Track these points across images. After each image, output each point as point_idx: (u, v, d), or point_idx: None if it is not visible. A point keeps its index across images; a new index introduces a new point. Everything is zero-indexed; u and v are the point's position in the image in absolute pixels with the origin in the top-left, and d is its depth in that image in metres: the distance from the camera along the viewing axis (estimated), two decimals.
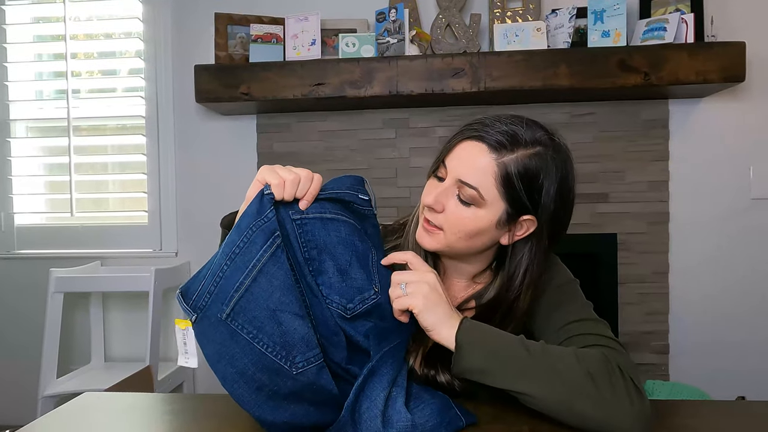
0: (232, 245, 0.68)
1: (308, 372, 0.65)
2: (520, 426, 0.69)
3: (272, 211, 0.70)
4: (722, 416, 0.75)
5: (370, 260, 0.75)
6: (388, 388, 0.69)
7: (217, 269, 0.67)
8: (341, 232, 0.74)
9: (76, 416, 0.78)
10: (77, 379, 1.87)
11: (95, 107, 2.12)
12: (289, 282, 0.67)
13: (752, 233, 1.84)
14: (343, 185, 0.78)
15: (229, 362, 0.65)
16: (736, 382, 1.84)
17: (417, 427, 0.66)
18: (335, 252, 0.73)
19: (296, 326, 0.66)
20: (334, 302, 0.71)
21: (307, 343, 0.66)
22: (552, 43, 1.75)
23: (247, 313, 0.65)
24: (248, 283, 0.66)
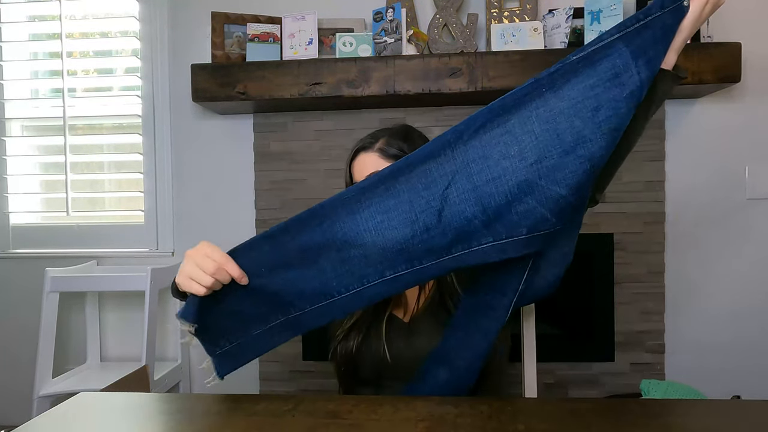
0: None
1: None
2: (515, 425, 0.70)
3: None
4: (717, 415, 0.75)
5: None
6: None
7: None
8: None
9: (71, 416, 0.78)
10: (73, 379, 1.86)
11: (91, 106, 2.11)
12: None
13: (748, 233, 1.85)
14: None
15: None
16: (732, 381, 1.84)
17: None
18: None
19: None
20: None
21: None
22: (549, 43, 1.75)
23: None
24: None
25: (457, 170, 0.73)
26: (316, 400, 0.81)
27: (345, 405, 0.78)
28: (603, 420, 0.72)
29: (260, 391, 1.96)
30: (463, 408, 0.76)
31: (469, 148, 0.73)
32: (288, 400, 0.81)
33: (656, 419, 0.72)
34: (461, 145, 0.73)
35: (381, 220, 0.76)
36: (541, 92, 0.71)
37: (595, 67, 0.70)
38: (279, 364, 1.95)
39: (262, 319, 0.83)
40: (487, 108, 0.73)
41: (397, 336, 0.99)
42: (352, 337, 0.99)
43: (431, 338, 0.97)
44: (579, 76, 0.70)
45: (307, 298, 0.80)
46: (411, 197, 0.75)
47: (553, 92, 0.71)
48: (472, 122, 0.73)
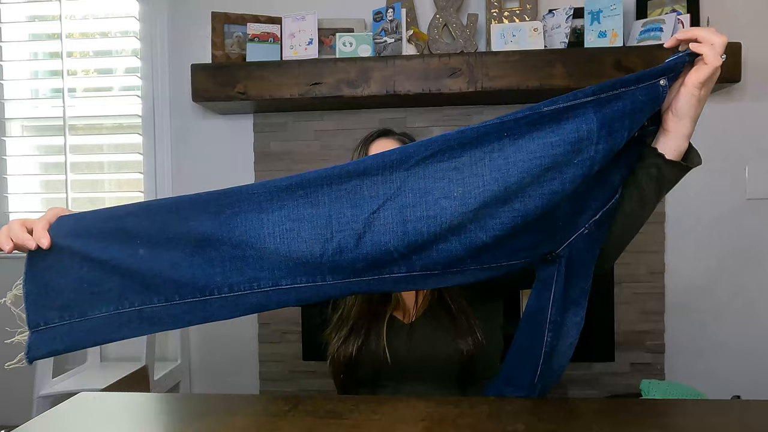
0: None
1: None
2: (516, 424, 0.70)
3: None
4: (717, 415, 0.75)
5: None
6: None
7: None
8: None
9: (71, 416, 0.78)
10: (73, 379, 1.86)
11: (91, 106, 2.11)
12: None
13: (748, 233, 1.85)
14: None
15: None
16: (732, 381, 1.84)
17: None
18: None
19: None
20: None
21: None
22: (549, 43, 1.75)
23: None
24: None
25: (390, 196, 0.68)
26: (316, 400, 0.81)
27: (345, 405, 0.78)
28: (603, 420, 0.72)
29: (260, 391, 1.96)
30: (463, 408, 0.76)
31: (411, 175, 0.68)
32: (288, 400, 0.81)
33: (656, 419, 0.72)
34: (402, 171, 0.69)
35: (290, 228, 0.69)
36: (501, 136, 0.69)
37: (561, 126, 0.67)
38: (279, 364, 1.95)
39: (114, 298, 0.71)
40: (442, 136, 0.69)
41: (398, 338, 0.99)
42: (351, 341, 0.98)
43: (432, 340, 0.97)
44: (543, 130, 0.67)
45: (180, 287, 0.71)
46: (331, 212, 0.69)
47: (512, 140, 0.68)
48: (422, 148, 0.69)
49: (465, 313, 0.99)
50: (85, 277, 0.70)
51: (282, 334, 1.94)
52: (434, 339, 0.97)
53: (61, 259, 0.70)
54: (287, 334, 1.94)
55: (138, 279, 0.70)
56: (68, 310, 0.71)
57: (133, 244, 0.70)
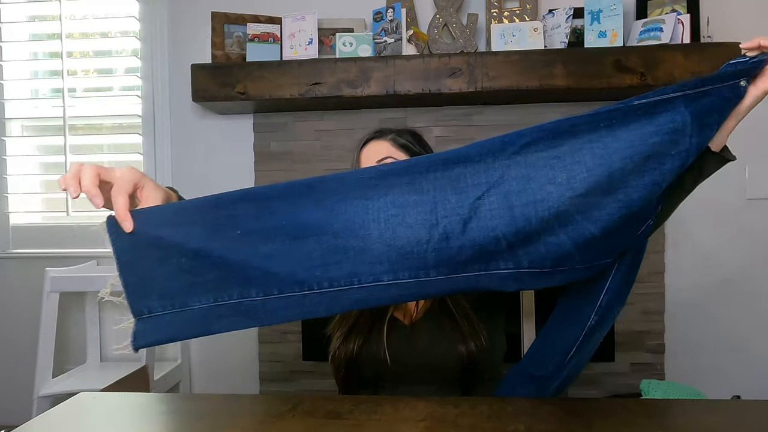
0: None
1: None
2: (516, 425, 0.70)
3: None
4: (717, 415, 0.75)
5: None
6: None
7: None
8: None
9: (71, 416, 0.78)
10: (73, 379, 1.86)
11: (91, 106, 2.11)
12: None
13: (748, 233, 1.85)
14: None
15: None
16: (732, 381, 1.84)
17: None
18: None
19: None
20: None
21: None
22: (549, 43, 1.76)
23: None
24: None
25: (493, 184, 0.67)
26: (316, 400, 0.81)
27: (345, 405, 0.78)
28: (603, 420, 0.72)
29: (260, 391, 1.96)
30: (463, 408, 0.76)
31: (512, 164, 0.67)
32: (288, 400, 0.81)
33: (656, 419, 0.72)
34: (503, 159, 0.68)
35: (395, 214, 0.67)
36: (597, 126, 0.67)
37: (655, 117, 0.67)
38: (279, 364, 1.95)
39: (213, 289, 0.69)
40: (538, 126, 0.68)
41: (399, 339, 0.98)
42: (352, 340, 0.98)
43: (433, 343, 0.97)
44: (638, 121, 0.67)
45: (279, 281, 0.68)
46: (436, 198, 0.67)
47: (609, 130, 0.67)
48: (519, 138, 0.68)
49: (467, 316, 0.98)
50: (185, 267, 0.68)
51: (282, 334, 1.94)
52: (435, 342, 0.97)
53: (158, 247, 0.68)
54: (287, 334, 1.94)
55: (236, 270, 0.68)
56: (169, 299, 0.69)
57: (232, 234, 0.68)
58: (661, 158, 0.67)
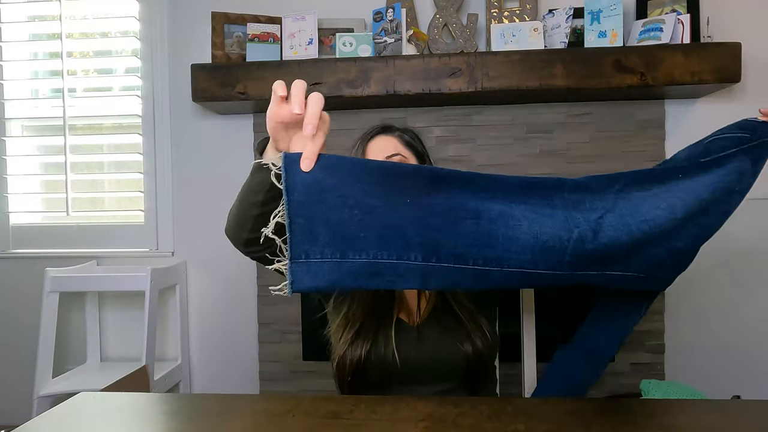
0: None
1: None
2: (516, 425, 0.70)
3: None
4: (717, 415, 0.75)
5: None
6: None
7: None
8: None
9: (71, 416, 0.78)
10: (73, 379, 1.86)
11: (91, 106, 2.11)
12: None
13: (748, 233, 1.85)
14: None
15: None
16: (732, 381, 1.84)
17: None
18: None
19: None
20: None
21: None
22: (549, 43, 1.75)
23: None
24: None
25: (608, 210, 0.79)
26: (316, 400, 0.81)
27: (345, 405, 0.78)
28: (603, 420, 0.72)
29: (260, 391, 1.96)
30: (463, 408, 0.76)
31: (619, 198, 0.80)
32: (288, 400, 0.81)
33: (656, 419, 0.72)
34: (611, 193, 0.81)
35: (535, 218, 0.76)
36: (677, 177, 0.83)
37: (725, 165, 0.83)
38: (279, 364, 1.95)
39: (374, 245, 0.71)
40: (632, 172, 0.83)
41: (406, 341, 0.99)
42: (359, 345, 0.97)
43: (440, 342, 0.98)
44: (710, 170, 0.83)
45: (439, 251, 0.73)
46: (565, 214, 0.78)
47: (688, 178, 0.83)
48: (620, 178, 0.82)
49: (471, 314, 1.00)
50: (356, 219, 0.70)
51: (282, 334, 1.94)
52: (441, 341, 0.98)
53: (335, 194, 0.69)
54: (287, 334, 1.94)
55: (400, 233, 0.71)
56: (330, 247, 0.70)
57: (403, 200, 0.72)
58: (731, 192, 0.83)
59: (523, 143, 1.86)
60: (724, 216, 0.84)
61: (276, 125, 0.73)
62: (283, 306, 1.93)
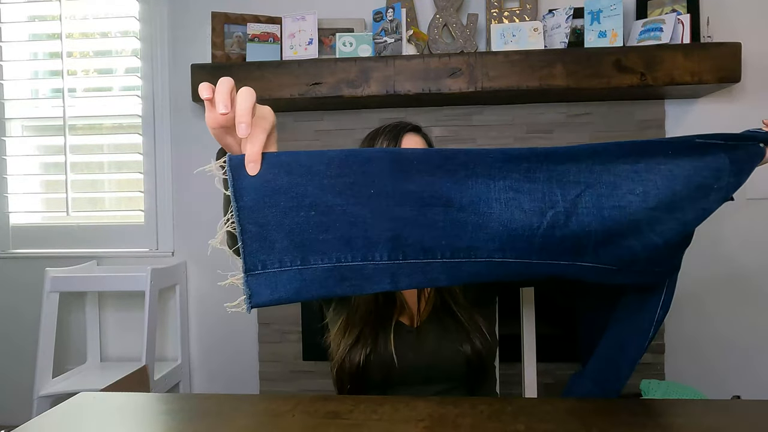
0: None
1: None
2: (516, 425, 0.70)
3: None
4: (717, 415, 0.75)
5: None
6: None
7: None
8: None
9: (71, 416, 0.78)
10: (73, 379, 1.86)
11: (91, 106, 2.11)
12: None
13: (748, 233, 1.85)
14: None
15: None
16: (732, 381, 1.84)
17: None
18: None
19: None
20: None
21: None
22: (549, 43, 1.75)
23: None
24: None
25: (589, 185, 0.74)
26: (316, 400, 0.81)
27: (345, 405, 0.78)
28: (603, 420, 0.72)
29: (260, 391, 1.96)
30: (463, 408, 0.76)
31: (605, 170, 0.75)
32: (288, 400, 0.81)
33: (656, 419, 0.72)
34: (599, 164, 0.75)
35: (513, 197, 0.71)
36: (666, 153, 0.77)
37: (704, 156, 0.79)
38: (279, 364, 1.95)
39: (338, 248, 0.65)
40: (617, 143, 0.76)
41: (406, 343, 0.98)
42: (359, 349, 0.97)
43: (439, 343, 0.98)
44: (692, 156, 0.78)
45: (406, 246, 0.67)
46: (545, 188, 0.72)
47: (673, 158, 0.77)
48: (606, 149, 0.76)
49: (469, 314, 0.99)
50: (314, 221, 0.64)
51: (282, 334, 1.94)
52: (441, 343, 0.98)
53: (288, 195, 0.64)
54: (287, 334, 1.94)
55: (364, 230, 0.65)
56: (289, 254, 0.64)
57: (367, 191, 0.65)
58: (708, 189, 0.79)
59: (523, 143, 1.86)
60: (703, 213, 0.80)
61: (216, 132, 0.66)
62: (283, 306, 1.93)
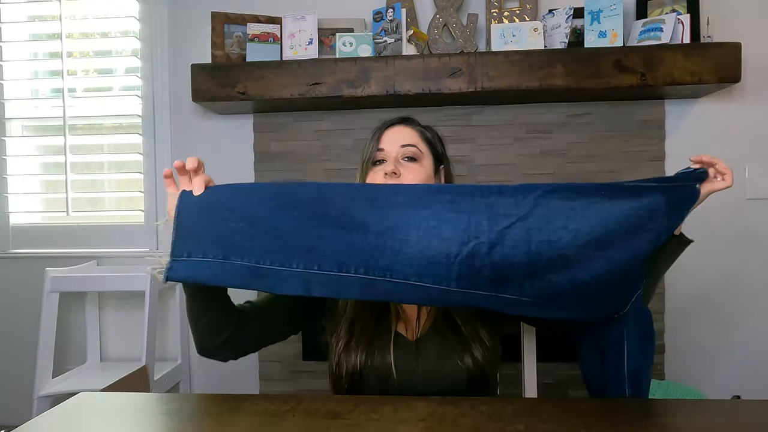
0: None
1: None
2: (516, 425, 0.70)
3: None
4: (717, 415, 0.75)
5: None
6: None
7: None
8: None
9: (71, 416, 0.78)
10: (73, 379, 1.86)
11: (91, 106, 2.11)
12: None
13: (747, 233, 1.85)
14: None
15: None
16: (731, 381, 1.84)
17: None
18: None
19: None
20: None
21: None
22: (549, 43, 1.75)
23: None
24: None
25: (521, 217, 0.78)
26: (316, 400, 0.81)
27: (345, 405, 0.78)
28: (603, 420, 0.72)
29: (260, 391, 1.96)
30: (463, 408, 0.76)
31: (538, 204, 0.79)
32: (288, 400, 0.81)
33: (656, 419, 0.72)
34: (532, 198, 0.79)
35: (434, 225, 0.77)
36: (600, 194, 0.81)
37: (640, 197, 0.81)
38: (279, 364, 1.95)
39: (258, 253, 0.78)
40: (558, 184, 0.82)
41: (405, 356, 0.95)
42: (354, 351, 0.95)
43: (439, 357, 0.94)
44: (627, 197, 0.81)
45: (321, 259, 0.78)
46: (471, 219, 0.77)
47: (609, 198, 0.81)
48: (545, 185, 0.81)
49: (474, 327, 0.96)
50: (240, 230, 0.78)
51: None
52: (441, 356, 0.94)
53: (223, 210, 0.80)
54: None
55: (285, 243, 0.77)
56: (213, 250, 0.78)
57: (290, 214, 0.78)
58: (641, 229, 0.81)
59: (523, 143, 1.86)
60: (634, 253, 0.81)
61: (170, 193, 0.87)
62: None
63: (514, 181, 1.87)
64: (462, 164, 1.86)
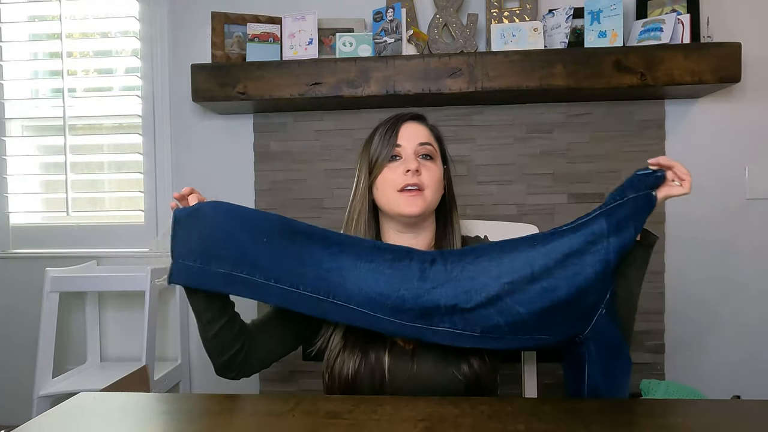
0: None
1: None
2: (516, 425, 0.70)
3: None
4: (717, 415, 0.75)
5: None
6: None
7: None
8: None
9: (71, 416, 0.78)
10: (73, 379, 1.86)
11: (91, 106, 2.11)
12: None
13: (747, 233, 1.85)
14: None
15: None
16: (731, 381, 1.84)
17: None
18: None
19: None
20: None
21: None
22: (549, 43, 1.75)
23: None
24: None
25: (447, 280, 0.90)
26: (316, 400, 0.81)
27: (345, 405, 0.78)
28: (603, 420, 0.72)
29: (260, 391, 1.96)
30: (463, 408, 0.76)
31: (464, 269, 0.91)
32: (288, 400, 0.81)
33: (656, 419, 0.72)
34: (459, 266, 0.92)
35: (373, 277, 0.91)
36: (532, 245, 0.90)
37: (578, 232, 0.89)
38: (279, 364, 1.95)
39: (233, 263, 0.92)
40: (492, 243, 0.95)
41: (401, 364, 0.94)
42: (348, 354, 0.94)
43: (436, 366, 0.94)
44: (564, 237, 0.89)
45: (278, 275, 0.92)
46: (404, 277, 0.91)
47: (542, 245, 0.90)
48: (476, 251, 0.93)
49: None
50: (219, 241, 0.92)
51: None
52: (438, 365, 0.94)
53: (212, 224, 0.94)
54: None
55: (253, 259, 0.92)
56: (199, 257, 0.92)
57: (261, 239, 0.93)
58: (581, 255, 0.87)
59: (523, 143, 1.86)
60: (575, 277, 0.86)
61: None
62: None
63: (514, 181, 1.87)
64: (462, 164, 1.86)
